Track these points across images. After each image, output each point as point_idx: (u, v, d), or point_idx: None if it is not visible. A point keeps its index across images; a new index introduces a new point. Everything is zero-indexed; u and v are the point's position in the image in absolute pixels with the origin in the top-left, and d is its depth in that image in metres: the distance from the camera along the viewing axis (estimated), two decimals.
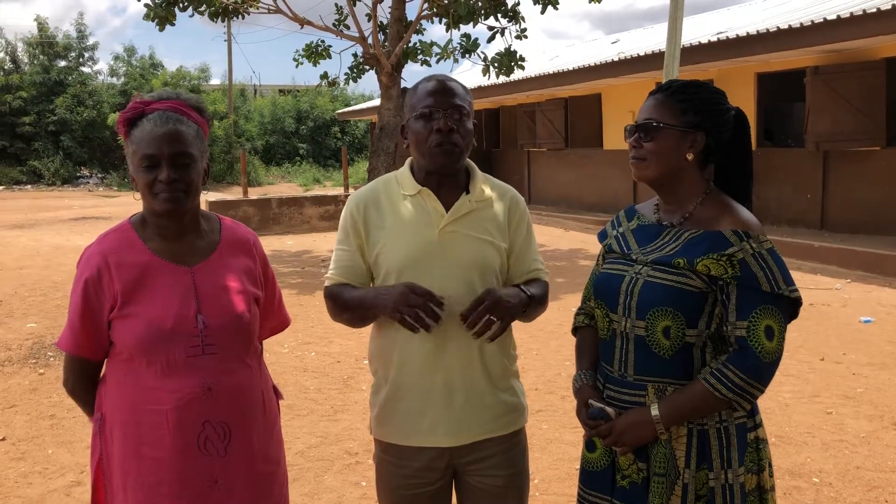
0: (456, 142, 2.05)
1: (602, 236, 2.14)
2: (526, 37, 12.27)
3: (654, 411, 1.81)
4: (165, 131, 1.86)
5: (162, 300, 1.89)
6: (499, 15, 11.87)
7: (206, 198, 15.80)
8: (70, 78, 35.10)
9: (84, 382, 2.01)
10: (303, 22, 11.72)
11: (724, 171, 1.98)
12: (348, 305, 2.12)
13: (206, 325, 1.91)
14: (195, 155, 1.91)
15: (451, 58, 12.24)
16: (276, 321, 2.22)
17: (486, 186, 2.17)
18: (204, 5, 11.47)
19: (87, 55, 37.04)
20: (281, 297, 2.24)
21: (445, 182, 2.11)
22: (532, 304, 2.09)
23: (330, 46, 12.67)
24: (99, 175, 35.03)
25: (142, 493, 1.89)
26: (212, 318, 1.92)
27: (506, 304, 2.00)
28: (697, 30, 13.17)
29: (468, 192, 2.13)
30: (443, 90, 2.07)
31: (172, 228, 1.96)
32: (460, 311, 2.00)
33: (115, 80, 37.59)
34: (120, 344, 1.91)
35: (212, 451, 1.90)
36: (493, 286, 2.04)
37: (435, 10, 11.40)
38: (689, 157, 1.90)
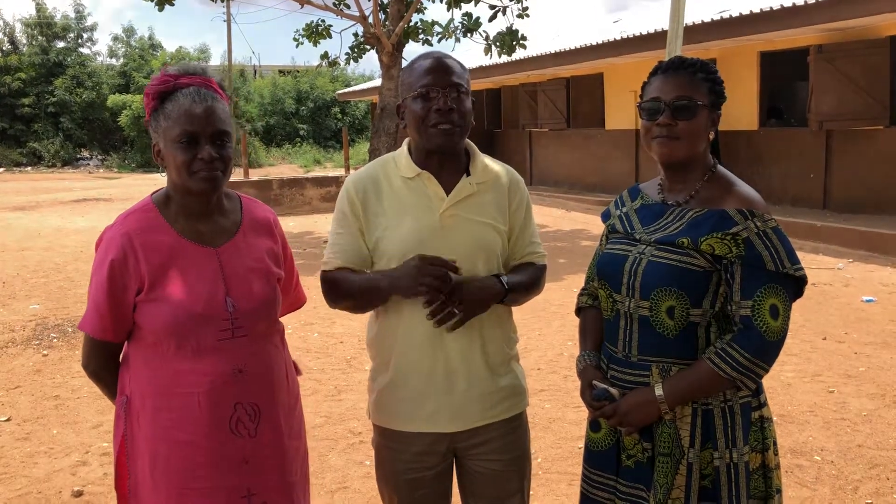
0: (455, 121, 2.01)
1: (605, 216, 2.13)
2: (528, 15, 12.20)
3: (659, 391, 1.81)
4: (205, 108, 1.83)
5: (190, 284, 1.86)
6: None
7: None
8: (69, 59, 35.00)
9: (107, 364, 1.98)
10: (303, 1, 11.64)
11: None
12: (354, 292, 2.08)
13: (236, 308, 1.88)
14: (231, 133, 1.89)
15: (453, 37, 12.18)
16: (293, 299, 2.21)
17: (486, 167, 2.14)
18: None
19: (85, 36, 36.94)
20: (298, 276, 2.23)
21: (445, 164, 2.08)
22: (512, 294, 2.07)
23: (330, 26, 12.62)
24: (99, 157, 34.97)
25: (174, 476, 1.87)
26: (241, 300, 1.90)
27: (471, 299, 1.99)
28: (700, 8, 13.03)
29: (468, 174, 2.10)
30: (440, 68, 2.02)
31: (200, 208, 1.92)
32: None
33: (114, 61, 37.54)
34: (147, 327, 1.87)
35: (243, 432, 1.89)
36: (469, 277, 2.01)
37: None
38: (712, 136, 1.90)
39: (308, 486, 2.13)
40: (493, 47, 12.12)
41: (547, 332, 6.31)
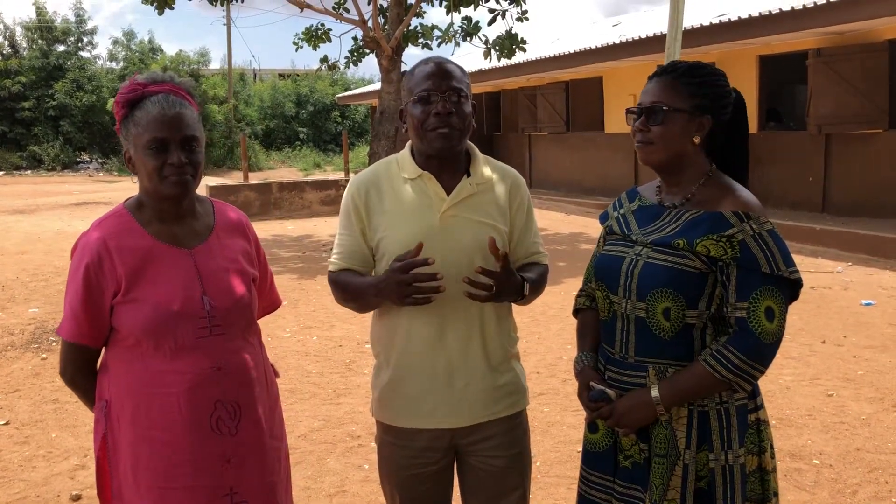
0: (454, 125, 2.03)
1: (604, 218, 2.14)
2: (527, 19, 12.22)
3: (655, 392, 1.82)
4: (174, 114, 1.87)
5: (167, 283, 1.90)
6: None
7: (207, 183, 15.79)
8: (69, 63, 34.97)
9: (84, 371, 2.00)
10: (302, 5, 11.65)
11: (722, 154, 1.98)
12: (349, 296, 2.14)
13: (213, 307, 1.92)
14: (200, 138, 1.93)
15: (452, 41, 12.19)
16: (268, 301, 2.26)
17: (487, 169, 2.16)
18: None
19: (85, 40, 36.91)
20: (272, 278, 2.28)
21: (446, 165, 2.10)
22: (528, 295, 2.09)
23: (330, 30, 12.63)
24: (99, 160, 34.98)
25: (155, 476, 1.89)
26: (217, 299, 1.94)
27: (508, 286, 1.99)
28: (699, 12, 13.06)
29: (469, 175, 2.12)
30: (440, 73, 2.05)
31: (173, 212, 1.96)
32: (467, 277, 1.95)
33: (114, 64, 37.50)
34: (125, 329, 1.90)
35: (224, 430, 1.92)
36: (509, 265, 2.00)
37: None
38: (696, 140, 1.90)
39: (290, 490, 2.16)
40: (493, 51, 12.14)
41: (546, 336, 6.31)
